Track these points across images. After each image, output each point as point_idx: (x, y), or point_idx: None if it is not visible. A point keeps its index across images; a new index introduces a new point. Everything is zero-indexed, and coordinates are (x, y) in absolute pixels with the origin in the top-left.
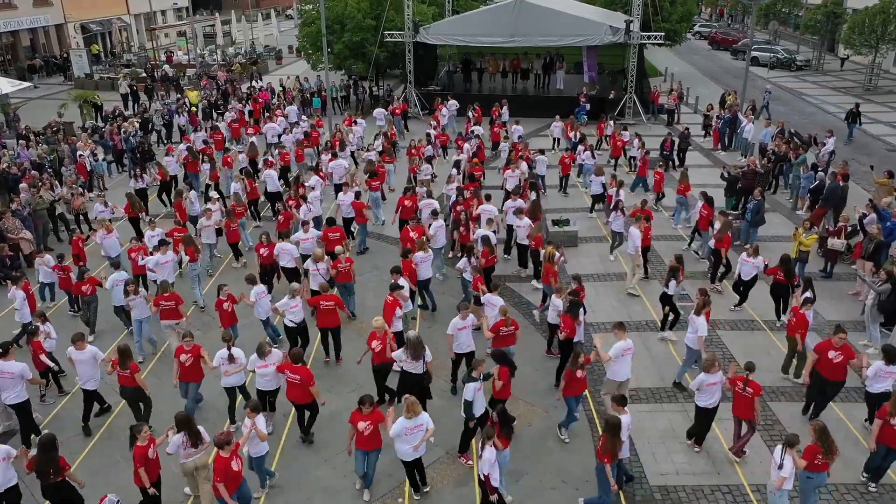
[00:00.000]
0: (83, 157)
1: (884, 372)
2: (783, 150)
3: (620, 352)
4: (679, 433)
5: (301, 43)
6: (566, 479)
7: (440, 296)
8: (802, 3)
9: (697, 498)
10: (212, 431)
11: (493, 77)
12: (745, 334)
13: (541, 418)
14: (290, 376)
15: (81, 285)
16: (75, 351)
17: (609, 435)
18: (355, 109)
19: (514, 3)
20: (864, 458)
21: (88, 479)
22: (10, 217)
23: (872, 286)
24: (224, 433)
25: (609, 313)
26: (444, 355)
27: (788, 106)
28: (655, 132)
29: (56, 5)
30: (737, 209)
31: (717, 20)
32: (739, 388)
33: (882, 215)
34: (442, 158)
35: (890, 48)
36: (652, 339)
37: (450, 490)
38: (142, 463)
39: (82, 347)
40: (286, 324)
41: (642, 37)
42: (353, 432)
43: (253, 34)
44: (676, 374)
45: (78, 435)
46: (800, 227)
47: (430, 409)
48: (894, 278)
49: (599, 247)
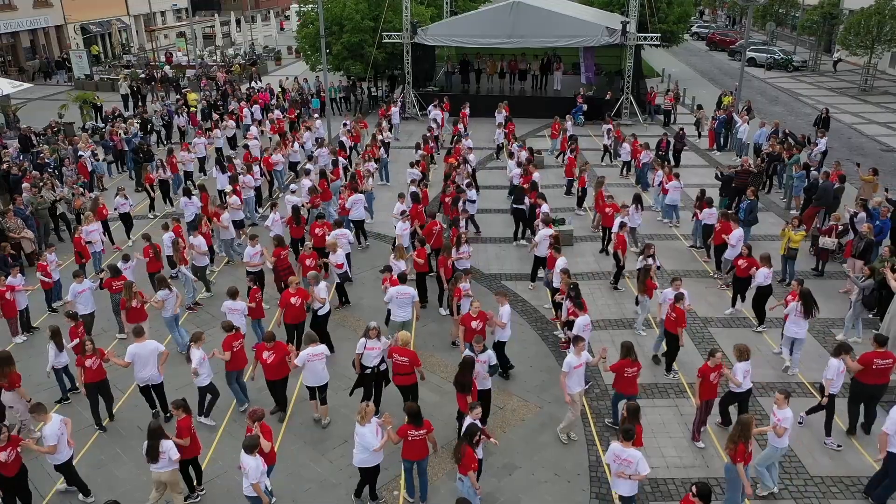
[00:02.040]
0: (84, 157)
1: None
2: (777, 151)
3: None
4: (670, 428)
5: (300, 44)
6: (559, 473)
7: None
8: (800, 4)
9: (687, 490)
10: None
11: (491, 78)
12: (735, 331)
13: (534, 413)
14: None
15: (112, 282)
16: (137, 345)
17: (742, 436)
18: (354, 110)
19: (512, 4)
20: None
21: (90, 473)
22: (12, 216)
23: (856, 282)
24: (258, 408)
25: (602, 311)
26: (438, 351)
27: (785, 107)
28: (652, 133)
29: (56, 6)
30: (731, 209)
31: (713, 20)
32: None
33: (872, 214)
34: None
35: (885, 49)
36: (645, 337)
37: (443, 483)
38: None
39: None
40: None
41: (639, 38)
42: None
43: (252, 35)
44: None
45: (78, 431)
46: (788, 224)
47: (424, 405)
48: (879, 275)
49: (594, 246)
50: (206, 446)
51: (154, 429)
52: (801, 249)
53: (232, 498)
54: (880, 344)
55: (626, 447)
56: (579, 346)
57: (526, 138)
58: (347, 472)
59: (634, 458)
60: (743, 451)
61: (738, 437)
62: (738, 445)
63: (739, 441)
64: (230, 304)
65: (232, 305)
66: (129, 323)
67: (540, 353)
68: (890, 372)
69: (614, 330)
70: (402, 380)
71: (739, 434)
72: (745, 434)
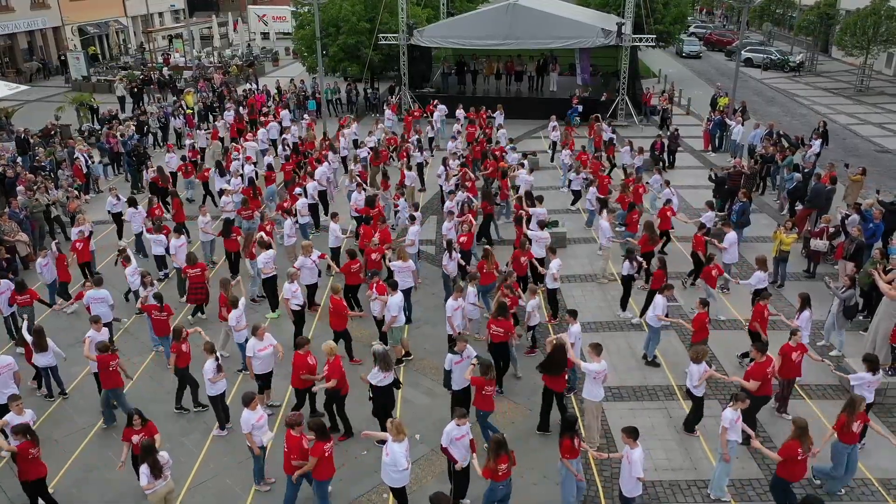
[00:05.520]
0: (79, 159)
1: (868, 382)
2: (770, 152)
3: (593, 374)
4: (659, 431)
5: (296, 45)
6: (547, 475)
7: (429, 296)
8: (796, 5)
9: (675, 493)
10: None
11: (488, 79)
12: (729, 333)
13: (524, 416)
14: (496, 330)
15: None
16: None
17: (848, 414)
18: (351, 112)
19: (508, 5)
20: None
21: (82, 476)
22: (6, 219)
23: (836, 293)
24: (296, 413)
25: (595, 313)
26: (430, 355)
27: (781, 107)
28: (647, 134)
29: (53, 7)
30: (723, 210)
31: (710, 21)
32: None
33: (864, 216)
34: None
35: (881, 49)
36: (636, 339)
37: (432, 486)
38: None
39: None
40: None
41: (634, 39)
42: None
43: (250, 36)
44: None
45: (71, 434)
46: (781, 226)
47: (416, 408)
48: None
49: (587, 248)
50: (197, 450)
51: (148, 446)
52: (793, 251)
53: (222, 501)
54: (873, 366)
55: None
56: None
57: (522, 140)
58: (343, 468)
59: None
60: (842, 423)
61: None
62: (840, 417)
63: (843, 413)
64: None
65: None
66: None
67: (529, 356)
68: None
69: (605, 332)
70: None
71: (846, 408)
72: (851, 410)
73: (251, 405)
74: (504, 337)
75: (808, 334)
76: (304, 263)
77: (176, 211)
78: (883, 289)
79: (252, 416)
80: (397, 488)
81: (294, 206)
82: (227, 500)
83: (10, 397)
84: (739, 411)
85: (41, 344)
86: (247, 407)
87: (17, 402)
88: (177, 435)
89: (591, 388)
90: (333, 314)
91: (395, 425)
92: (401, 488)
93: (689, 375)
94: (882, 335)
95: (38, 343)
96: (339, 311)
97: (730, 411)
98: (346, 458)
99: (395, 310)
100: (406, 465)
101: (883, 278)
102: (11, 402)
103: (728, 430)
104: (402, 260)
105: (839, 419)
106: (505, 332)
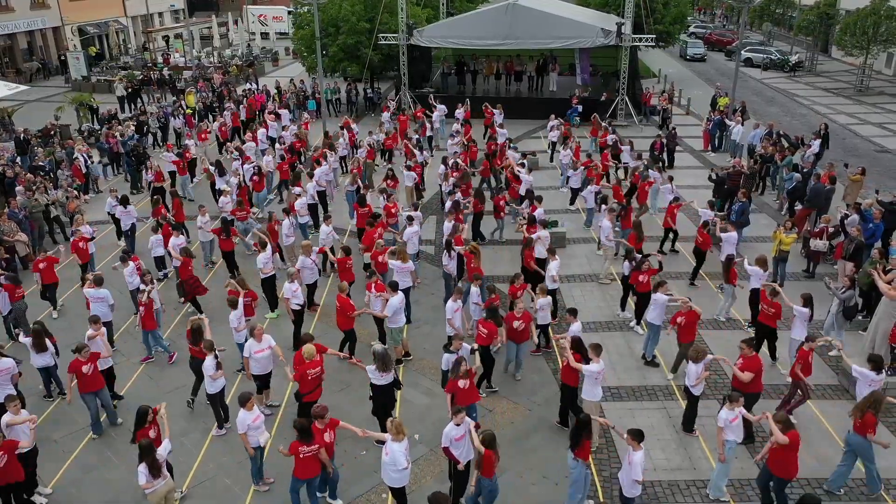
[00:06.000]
0: (79, 160)
1: (871, 381)
2: (769, 152)
3: (593, 375)
4: (658, 430)
5: (296, 45)
6: (547, 475)
7: (429, 296)
8: (796, 5)
9: (673, 492)
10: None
11: (488, 79)
12: (729, 333)
13: (523, 416)
14: (481, 330)
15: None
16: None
17: (872, 407)
18: (350, 112)
19: (508, 5)
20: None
21: (81, 476)
22: (6, 219)
23: (836, 293)
24: (321, 406)
25: (594, 313)
26: (430, 355)
27: (781, 107)
28: (647, 134)
29: (53, 7)
30: (723, 210)
31: (709, 20)
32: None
33: (864, 216)
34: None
35: (881, 49)
36: (635, 339)
37: (432, 486)
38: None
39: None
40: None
41: (634, 39)
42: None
43: (249, 36)
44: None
45: (70, 434)
46: (780, 226)
47: (416, 408)
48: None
49: (587, 247)
50: (196, 450)
51: (147, 445)
52: (792, 251)
53: (222, 501)
54: (877, 366)
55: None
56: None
57: (522, 140)
58: (342, 467)
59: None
60: (871, 422)
61: (866, 407)
62: (866, 415)
63: (867, 410)
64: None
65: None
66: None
67: (529, 355)
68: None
69: (605, 332)
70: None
71: (870, 405)
72: (876, 406)
73: (247, 406)
74: (486, 340)
75: (804, 334)
76: (305, 263)
77: (176, 211)
78: (882, 289)
79: (248, 416)
80: (397, 488)
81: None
82: (226, 500)
83: (6, 398)
84: (736, 411)
85: (40, 344)
86: (243, 407)
87: (13, 403)
88: (176, 435)
89: (591, 388)
90: (340, 313)
91: (394, 425)
92: (400, 488)
93: (687, 374)
94: (881, 335)
95: (37, 343)
96: (347, 310)
97: (725, 411)
98: (346, 458)
99: (392, 311)
100: (405, 464)
101: (882, 278)
102: (8, 403)
103: (724, 429)
104: (401, 260)
105: (868, 419)
106: (488, 335)
